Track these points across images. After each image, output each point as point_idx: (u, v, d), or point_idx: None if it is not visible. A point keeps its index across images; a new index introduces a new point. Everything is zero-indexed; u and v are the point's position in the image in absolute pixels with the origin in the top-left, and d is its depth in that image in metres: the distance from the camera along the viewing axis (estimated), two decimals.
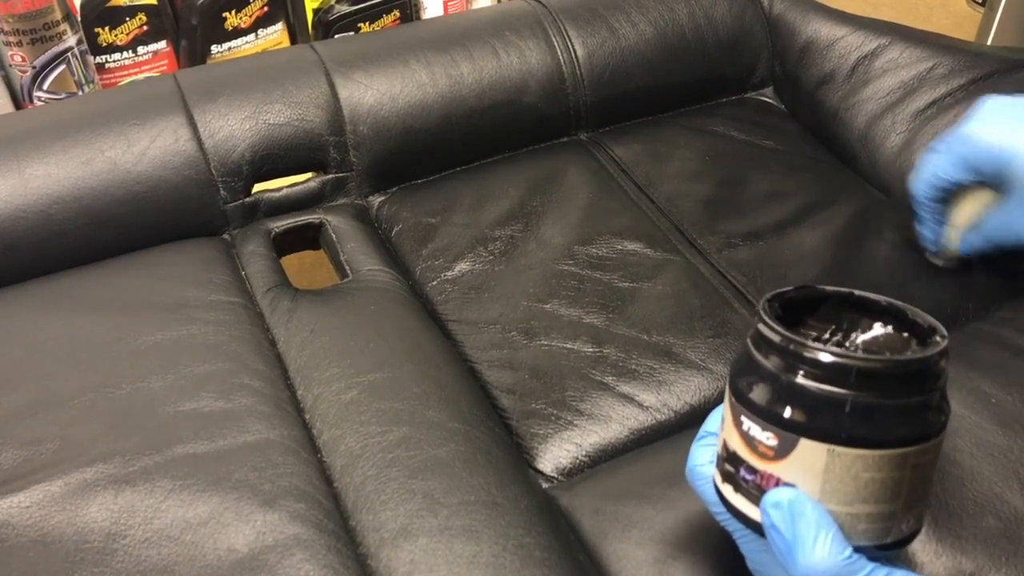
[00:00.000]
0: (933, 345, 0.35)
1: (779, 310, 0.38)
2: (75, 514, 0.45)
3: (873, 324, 0.39)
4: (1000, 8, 0.99)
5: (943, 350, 0.35)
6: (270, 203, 0.69)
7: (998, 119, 0.56)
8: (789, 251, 0.66)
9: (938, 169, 0.58)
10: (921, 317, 0.37)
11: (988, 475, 0.47)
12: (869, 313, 0.39)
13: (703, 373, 0.57)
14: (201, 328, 0.57)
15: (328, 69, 0.71)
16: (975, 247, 0.60)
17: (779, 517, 0.36)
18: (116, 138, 0.64)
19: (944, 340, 0.35)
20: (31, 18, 0.77)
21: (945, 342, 0.35)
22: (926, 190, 0.60)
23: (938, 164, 0.58)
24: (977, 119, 0.56)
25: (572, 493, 0.51)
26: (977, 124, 0.56)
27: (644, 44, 0.79)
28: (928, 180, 0.59)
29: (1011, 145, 0.54)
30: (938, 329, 0.36)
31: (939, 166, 0.58)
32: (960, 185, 0.58)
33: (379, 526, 0.46)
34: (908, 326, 0.38)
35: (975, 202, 0.59)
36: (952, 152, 0.57)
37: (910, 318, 0.38)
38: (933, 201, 0.60)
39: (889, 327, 0.39)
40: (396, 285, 0.63)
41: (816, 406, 0.35)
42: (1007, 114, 0.56)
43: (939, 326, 0.36)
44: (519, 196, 0.71)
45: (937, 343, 0.35)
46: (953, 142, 0.57)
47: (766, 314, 0.36)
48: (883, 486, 0.35)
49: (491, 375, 0.57)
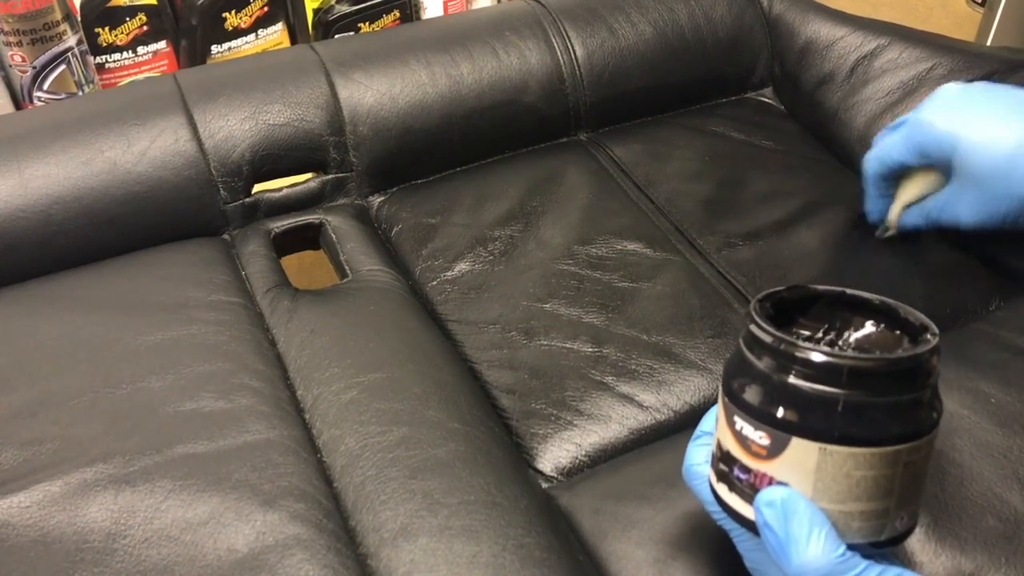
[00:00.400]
0: (924, 343, 0.36)
1: (770, 310, 0.38)
2: (75, 514, 0.45)
3: (865, 323, 0.39)
4: (1000, 8, 0.99)
5: (934, 348, 0.35)
6: (270, 203, 0.69)
7: (951, 106, 0.59)
8: (789, 251, 0.66)
9: (890, 150, 0.61)
10: (913, 315, 0.37)
11: (988, 475, 0.47)
12: (861, 312, 0.39)
13: (703, 373, 0.57)
14: (201, 328, 0.57)
15: (328, 69, 0.71)
16: (914, 224, 0.63)
17: (772, 516, 0.36)
18: (116, 138, 0.64)
19: (935, 338, 0.36)
20: (31, 18, 0.77)
21: (936, 340, 0.35)
22: (876, 168, 0.63)
23: (890, 145, 0.61)
24: (931, 105, 0.59)
25: (572, 493, 0.51)
26: (929, 110, 0.59)
27: (644, 44, 0.79)
28: (879, 159, 0.62)
29: (958, 133, 0.57)
30: (929, 327, 0.36)
31: (891, 147, 0.61)
32: (908, 166, 0.61)
33: (379, 526, 0.46)
34: (900, 324, 0.38)
35: (920, 183, 0.62)
36: (904, 136, 0.60)
37: (902, 316, 0.38)
38: (881, 179, 0.63)
39: (881, 325, 0.39)
40: (396, 285, 0.63)
41: (808, 405, 0.35)
42: (960, 102, 0.59)
43: (930, 324, 0.37)
44: (519, 196, 0.71)
45: (928, 341, 0.35)
46: (906, 126, 0.60)
47: (757, 314, 0.37)
48: (876, 484, 0.35)
49: (491, 375, 0.58)
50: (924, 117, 0.59)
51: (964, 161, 0.57)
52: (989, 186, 0.57)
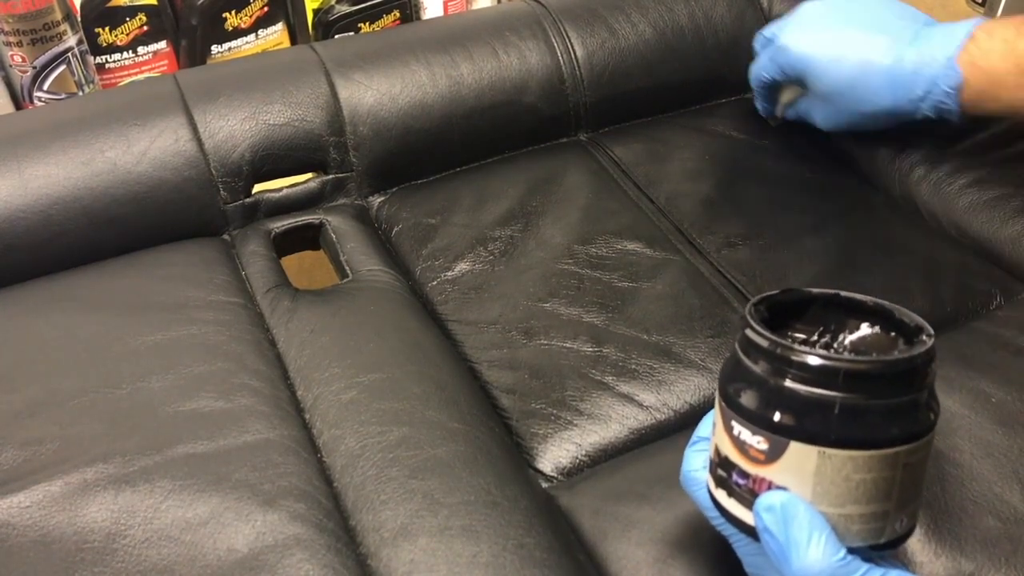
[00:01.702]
0: (919, 344, 0.35)
1: (765, 313, 0.38)
2: (75, 514, 0.45)
3: (860, 325, 0.39)
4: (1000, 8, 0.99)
5: (929, 349, 0.35)
6: (270, 203, 0.69)
7: (808, 27, 0.69)
8: (789, 251, 0.66)
9: (761, 70, 0.73)
10: (908, 316, 0.37)
11: (988, 475, 0.47)
12: (856, 314, 0.39)
13: (703, 373, 0.57)
14: (201, 328, 0.57)
15: (328, 69, 0.71)
16: (792, 119, 0.76)
17: (772, 520, 0.36)
18: (116, 138, 0.64)
19: (931, 339, 0.36)
20: (31, 18, 0.77)
21: (932, 341, 0.35)
22: (755, 83, 0.75)
23: (761, 66, 0.73)
24: (791, 26, 0.70)
25: (572, 493, 0.51)
26: (789, 32, 0.69)
27: (644, 45, 0.79)
28: (756, 77, 0.74)
29: (809, 57, 0.67)
30: (924, 328, 0.36)
31: (762, 68, 0.73)
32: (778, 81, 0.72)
33: (379, 526, 0.46)
34: (895, 326, 0.38)
35: (792, 89, 0.74)
36: (770, 57, 0.71)
37: (897, 318, 0.38)
38: (762, 87, 0.74)
39: (876, 327, 0.39)
40: (396, 285, 0.63)
41: (805, 409, 0.35)
42: (814, 24, 0.69)
43: (925, 325, 0.37)
44: (519, 196, 0.71)
45: (924, 342, 0.35)
46: (772, 48, 0.71)
47: (752, 318, 0.37)
48: (875, 486, 0.35)
49: (491, 375, 0.57)
50: (784, 41, 0.69)
51: (814, 82, 0.68)
52: (835, 101, 0.68)
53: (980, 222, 0.67)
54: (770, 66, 0.71)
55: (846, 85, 0.66)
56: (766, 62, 0.72)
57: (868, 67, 0.65)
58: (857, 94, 0.66)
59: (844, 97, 0.67)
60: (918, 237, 0.67)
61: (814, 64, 0.67)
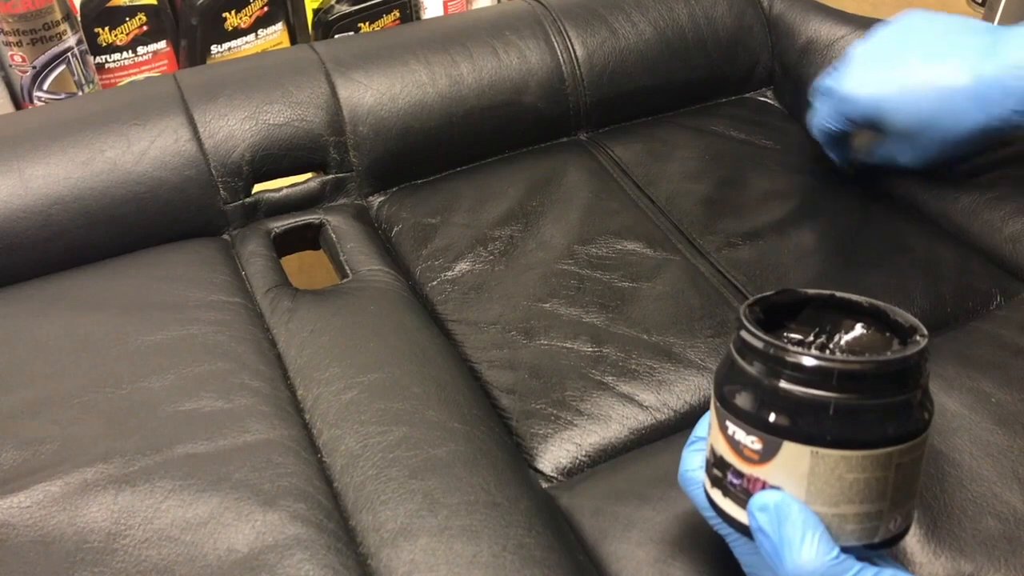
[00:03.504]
0: (913, 344, 0.36)
1: (760, 314, 0.38)
2: (75, 514, 0.45)
3: (855, 325, 0.39)
4: (1000, 8, 0.99)
5: (923, 349, 0.35)
6: (270, 203, 0.69)
7: (867, 73, 0.65)
8: (789, 251, 0.66)
9: (826, 122, 0.69)
10: (902, 316, 0.38)
11: (988, 475, 0.47)
12: (851, 314, 0.39)
13: (703, 372, 0.57)
14: (201, 328, 0.57)
15: (328, 69, 0.71)
16: (871, 164, 0.71)
17: (765, 520, 0.36)
18: (116, 138, 0.64)
19: (924, 339, 0.36)
20: (31, 18, 0.77)
21: (925, 341, 0.36)
22: (822, 137, 0.71)
23: (825, 118, 0.69)
24: (849, 77, 0.66)
25: (572, 493, 0.51)
26: (849, 82, 0.66)
27: (644, 44, 0.79)
28: (820, 130, 0.70)
29: (879, 102, 0.64)
30: (918, 328, 0.37)
31: (826, 120, 0.69)
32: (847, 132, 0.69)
33: (379, 526, 0.46)
34: (890, 326, 0.38)
35: (865, 135, 0.70)
36: (834, 109, 0.68)
37: (891, 318, 0.38)
38: (830, 140, 0.71)
39: (871, 328, 0.39)
40: (396, 285, 0.63)
41: (799, 409, 0.35)
42: (873, 65, 0.65)
43: (919, 325, 0.37)
44: (519, 196, 0.71)
45: (917, 342, 0.36)
46: (834, 100, 0.67)
47: (747, 319, 0.37)
48: (868, 486, 0.35)
49: (491, 375, 0.57)
50: (847, 90, 0.66)
51: (891, 124, 0.65)
52: (918, 138, 0.65)
53: (980, 222, 0.67)
54: (836, 120, 0.68)
55: (928, 117, 0.63)
56: (830, 113, 0.68)
57: (946, 93, 0.61)
58: (942, 123, 0.62)
59: (929, 130, 0.63)
60: (918, 237, 0.67)
61: (886, 106, 0.64)
